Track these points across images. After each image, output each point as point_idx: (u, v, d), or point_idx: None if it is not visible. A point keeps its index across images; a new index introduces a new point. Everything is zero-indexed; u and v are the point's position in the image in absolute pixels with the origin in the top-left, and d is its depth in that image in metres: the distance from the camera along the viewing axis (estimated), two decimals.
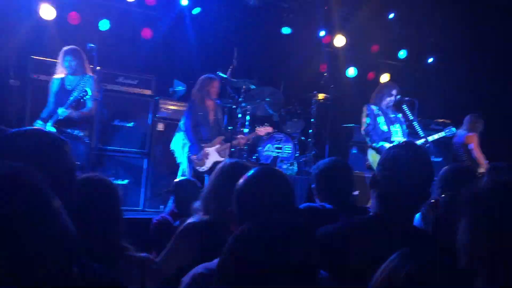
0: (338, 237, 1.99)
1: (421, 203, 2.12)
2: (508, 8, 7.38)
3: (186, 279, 1.75)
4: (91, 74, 5.79)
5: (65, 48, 5.79)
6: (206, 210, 2.54)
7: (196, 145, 6.23)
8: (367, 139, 6.16)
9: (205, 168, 6.26)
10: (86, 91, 5.43)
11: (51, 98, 5.73)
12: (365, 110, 6.22)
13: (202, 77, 6.41)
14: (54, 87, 5.75)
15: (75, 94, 5.46)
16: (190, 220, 2.61)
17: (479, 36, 8.03)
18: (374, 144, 6.04)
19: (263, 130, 6.78)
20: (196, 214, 2.63)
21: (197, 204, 2.64)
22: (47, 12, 6.67)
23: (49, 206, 0.93)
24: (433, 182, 2.18)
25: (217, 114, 6.48)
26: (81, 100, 5.54)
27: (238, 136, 6.58)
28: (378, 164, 2.11)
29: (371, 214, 2.11)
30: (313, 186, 3.05)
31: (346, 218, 2.28)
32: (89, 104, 5.68)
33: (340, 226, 2.06)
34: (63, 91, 5.69)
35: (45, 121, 5.56)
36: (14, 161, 1.00)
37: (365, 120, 6.17)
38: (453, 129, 6.48)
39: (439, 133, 6.40)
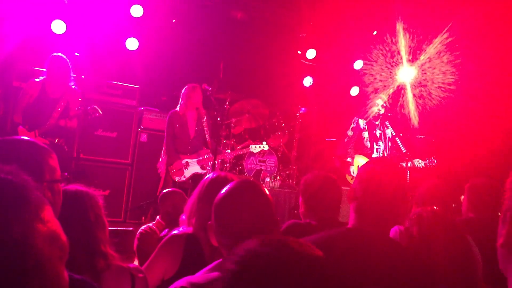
0: (322, 247, 2.00)
1: (397, 216, 2.15)
2: None
3: None
4: (73, 85, 5.78)
5: (53, 54, 5.76)
6: (189, 223, 2.56)
7: (171, 156, 6.23)
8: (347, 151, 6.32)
9: (182, 178, 6.24)
10: (68, 102, 5.44)
11: (24, 103, 5.64)
12: (352, 123, 6.36)
13: (185, 87, 6.43)
14: (34, 92, 5.67)
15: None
16: (174, 231, 2.62)
17: None
18: (348, 159, 6.19)
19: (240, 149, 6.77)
20: (181, 226, 2.64)
21: (183, 216, 2.66)
22: (59, 27, 6.68)
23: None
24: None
25: (200, 125, 6.47)
26: (65, 111, 5.54)
27: (224, 151, 6.60)
28: (356, 177, 2.14)
29: (349, 226, 2.13)
30: (300, 200, 3.06)
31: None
32: (72, 116, 5.67)
33: (318, 237, 2.07)
34: (47, 99, 5.64)
35: (30, 129, 5.50)
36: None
37: (348, 133, 6.31)
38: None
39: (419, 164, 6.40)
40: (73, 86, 5.80)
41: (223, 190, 1.84)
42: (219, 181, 2.49)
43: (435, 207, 2.22)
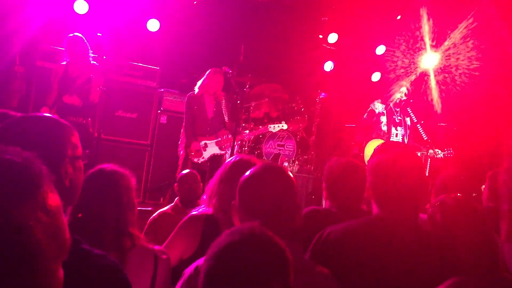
0: (343, 237, 2.00)
1: (419, 202, 2.11)
2: None
3: (188, 271, 1.76)
4: (94, 62, 5.84)
5: (70, 35, 5.82)
6: (209, 203, 2.57)
7: (189, 138, 6.26)
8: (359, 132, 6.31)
9: (201, 159, 6.27)
10: (89, 78, 5.46)
11: (55, 85, 5.77)
12: (369, 107, 6.30)
13: (208, 70, 6.43)
14: (58, 74, 5.80)
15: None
16: (193, 212, 2.64)
17: None
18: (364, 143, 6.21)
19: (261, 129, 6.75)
20: (200, 206, 2.66)
21: (204, 196, 2.68)
22: (81, 7, 6.72)
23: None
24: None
25: (218, 107, 6.45)
26: (85, 87, 5.57)
27: (243, 132, 6.59)
28: (371, 167, 2.10)
29: (372, 216, 2.11)
30: (323, 185, 3.04)
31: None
32: (93, 92, 5.71)
33: (341, 227, 2.07)
34: (67, 78, 5.72)
35: (50, 107, 5.58)
36: (21, 147, 0.99)
37: (364, 116, 6.28)
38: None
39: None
40: (94, 62, 5.86)
41: (249, 172, 1.85)
42: (242, 164, 2.49)
43: (458, 194, 2.19)
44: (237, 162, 2.55)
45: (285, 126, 6.57)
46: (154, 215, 3.83)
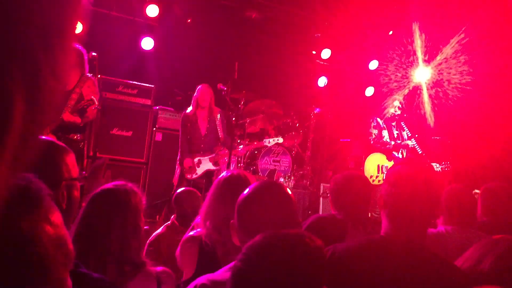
0: (347, 257, 1.96)
1: (430, 221, 2.04)
2: None
3: None
4: (89, 74, 5.72)
5: None
6: (204, 225, 2.56)
7: (183, 155, 6.27)
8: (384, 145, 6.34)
9: (194, 175, 6.26)
10: (92, 99, 5.40)
11: None
12: (372, 122, 6.35)
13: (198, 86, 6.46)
14: None
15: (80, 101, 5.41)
16: (191, 232, 2.63)
17: None
18: (388, 146, 6.24)
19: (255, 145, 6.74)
20: (196, 227, 2.65)
21: (197, 219, 2.66)
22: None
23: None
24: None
25: (212, 124, 6.44)
26: (85, 107, 5.49)
27: (237, 147, 6.59)
28: (385, 183, 2.05)
29: (382, 234, 2.06)
30: (329, 199, 3.10)
31: (361, 236, 2.26)
32: (89, 109, 5.60)
33: (350, 245, 2.02)
34: (63, 93, 5.61)
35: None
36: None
37: (373, 131, 6.32)
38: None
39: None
40: (87, 76, 5.72)
41: (247, 190, 1.83)
42: (232, 180, 2.49)
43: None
44: (228, 178, 2.53)
45: (281, 140, 6.57)
46: (150, 238, 3.80)
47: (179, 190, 4.17)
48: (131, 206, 2.10)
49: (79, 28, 6.79)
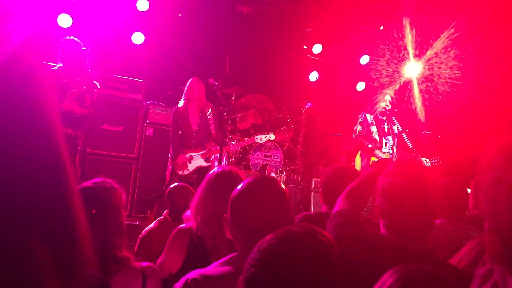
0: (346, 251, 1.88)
1: (431, 229, 1.98)
2: None
3: (178, 285, 1.74)
4: (88, 69, 5.67)
5: (66, 38, 5.66)
6: (194, 219, 2.56)
7: (175, 151, 6.24)
8: (363, 143, 6.31)
9: (185, 172, 6.24)
10: (95, 84, 5.31)
11: None
12: (359, 118, 6.35)
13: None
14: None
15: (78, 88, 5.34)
16: (181, 225, 2.64)
17: None
18: (369, 145, 6.21)
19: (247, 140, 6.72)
20: (187, 222, 2.66)
21: (188, 212, 2.66)
22: (65, 21, 6.69)
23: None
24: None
25: (204, 119, 6.40)
26: (86, 94, 5.42)
27: (229, 143, 6.58)
28: (382, 192, 1.98)
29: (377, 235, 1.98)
30: (320, 190, 3.07)
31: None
32: (87, 102, 5.52)
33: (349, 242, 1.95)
34: (58, 84, 5.43)
35: None
36: None
37: (357, 127, 6.30)
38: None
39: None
40: (87, 71, 5.66)
41: (241, 185, 1.82)
42: (223, 176, 2.49)
43: None
44: (219, 174, 2.53)
45: (272, 137, 6.56)
46: (142, 232, 3.80)
47: (172, 186, 4.16)
48: (111, 203, 2.10)
49: (68, 22, 6.75)
